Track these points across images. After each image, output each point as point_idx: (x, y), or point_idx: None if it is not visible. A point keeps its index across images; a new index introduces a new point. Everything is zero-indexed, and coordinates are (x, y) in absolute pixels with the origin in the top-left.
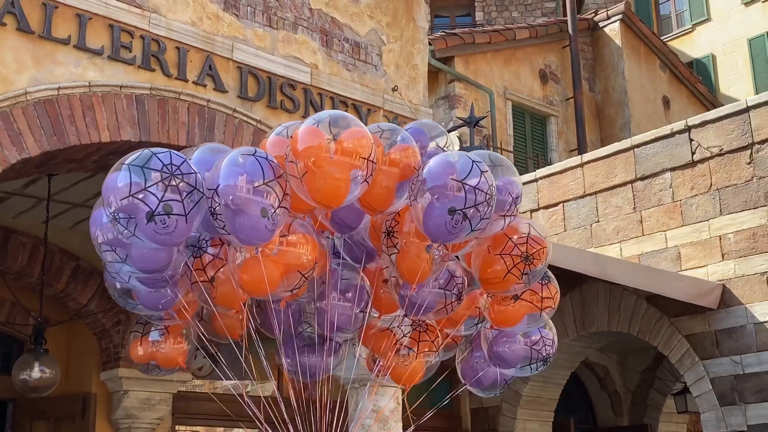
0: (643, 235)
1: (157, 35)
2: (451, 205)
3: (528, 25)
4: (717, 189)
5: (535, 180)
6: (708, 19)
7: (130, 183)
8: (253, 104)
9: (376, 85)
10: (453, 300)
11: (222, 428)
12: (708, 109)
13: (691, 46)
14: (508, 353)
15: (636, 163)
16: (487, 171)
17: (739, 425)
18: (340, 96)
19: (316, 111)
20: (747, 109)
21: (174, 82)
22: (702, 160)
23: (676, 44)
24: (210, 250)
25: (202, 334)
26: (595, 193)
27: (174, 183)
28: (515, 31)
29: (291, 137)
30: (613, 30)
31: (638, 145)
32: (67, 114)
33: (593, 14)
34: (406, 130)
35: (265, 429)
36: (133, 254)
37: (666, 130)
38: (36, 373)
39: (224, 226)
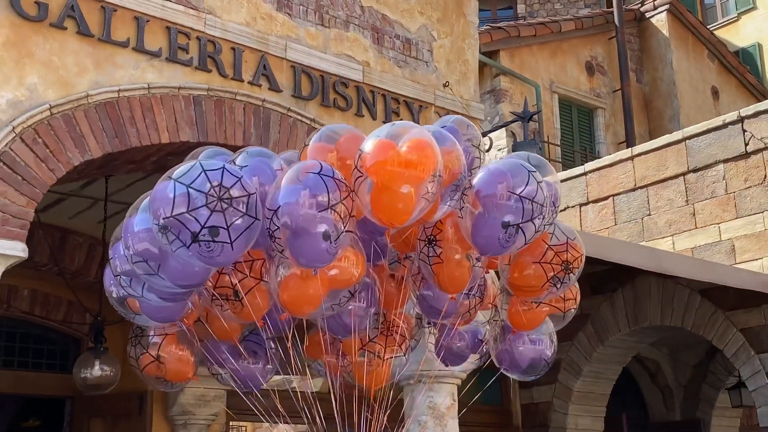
0: (696, 228)
1: (213, 36)
2: (505, 218)
3: (573, 16)
4: None
5: (584, 174)
6: (754, 8)
7: (174, 200)
8: (307, 103)
9: (427, 82)
10: (476, 303)
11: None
12: (758, 100)
13: (736, 35)
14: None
15: (688, 155)
16: (542, 181)
17: None
18: (391, 93)
19: (368, 108)
20: None
21: (230, 83)
22: (756, 152)
23: (722, 34)
24: (239, 266)
25: (194, 339)
26: (646, 186)
27: (221, 208)
28: (560, 24)
29: (360, 150)
30: (660, 20)
31: (690, 137)
32: (128, 116)
33: (639, 4)
34: (442, 128)
35: (322, 425)
36: (169, 268)
37: (718, 121)
38: (96, 371)
39: (283, 250)
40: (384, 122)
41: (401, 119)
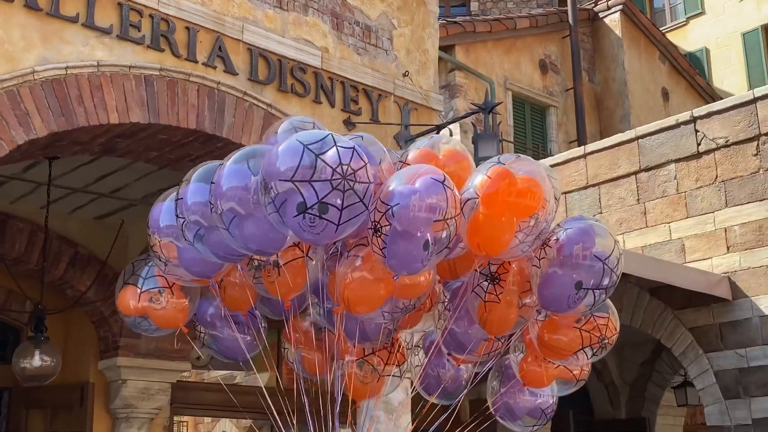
0: (647, 226)
1: (167, 14)
2: (580, 279)
3: (528, 14)
4: (722, 181)
5: None
6: (702, 13)
7: (299, 165)
8: (264, 87)
9: (386, 70)
10: (498, 347)
11: (209, 419)
12: (706, 102)
13: (684, 39)
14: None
15: (640, 154)
16: (618, 242)
17: (744, 419)
18: (350, 80)
19: (326, 95)
20: (754, 100)
21: (184, 63)
22: (707, 152)
23: (670, 37)
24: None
25: (221, 301)
26: (598, 184)
27: (341, 188)
28: (515, 21)
29: (477, 173)
30: (614, 20)
31: (642, 136)
32: (75, 94)
33: (593, 4)
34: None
35: (274, 419)
36: (246, 231)
37: (671, 120)
38: (36, 361)
39: (383, 248)
40: (342, 110)
41: (360, 108)
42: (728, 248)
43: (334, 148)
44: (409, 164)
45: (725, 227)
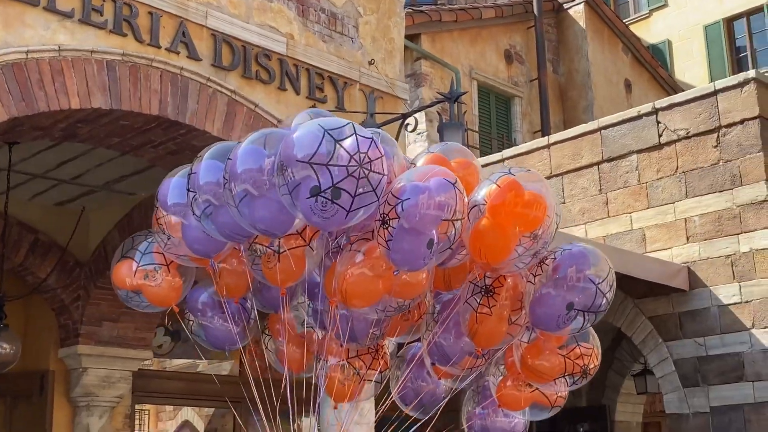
0: (609, 216)
1: None
2: (572, 300)
3: (494, 4)
4: (683, 172)
5: (502, 160)
6: (665, 5)
7: (318, 148)
8: (228, 73)
9: (352, 58)
10: (480, 364)
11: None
12: (668, 94)
13: (647, 31)
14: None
15: (603, 144)
16: (612, 268)
17: (702, 407)
18: (316, 68)
19: (291, 83)
20: (714, 93)
21: (146, 49)
22: (668, 143)
23: (634, 29)
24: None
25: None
26: (561, 174)
27: (356, 175)
28: (481, 10)
29: (488, 181)
30: (578, 12)
31: (605, 127)
32: (36, 78)
33: None
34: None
35: (232, 409)
36: (257, 211)
37: (633, 112)
38: None
39: (389, 240)
40: (308, 98)
41: (325, 95)
42: (688, 238)
43: (354, 136)
44: None
45: (685, 218)
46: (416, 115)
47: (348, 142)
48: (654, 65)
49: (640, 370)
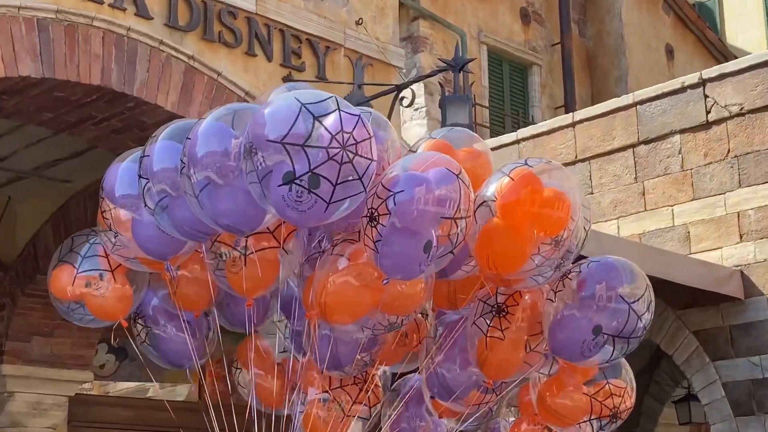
0: (646, 210)
1: None
2: (600, 323)
3: None
4: (736, 156)
5: (517, 141)
6: None
7: (293, 124)
8: (184, 35)
9: (336, 17)
10: (490, 399)
11: None
12: (719, 62)
13: None
14: None
15: (639, 123)
16: (650, 287)
17: None
18: (291, 29)
19: (262, 46)
20: None
21: (86, 5)
22: (718, 121)
23: None
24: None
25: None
26: (589, 158)
27: (339, 159)
28: None
29: (500, 175)
30: None
31: (642, 102)
32: None
33: None
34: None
35: None
36: (220, 203)
37: (676, 83)
38: None
39: (378, 241)
40: (281, 65)
41: (303, 62)
42: (741, 237)
43: (337, 112)
44: None
45: (738, 211)
46: (413, 86)
47: (329, 120)
48: (701, 27)
49: (683, 396)
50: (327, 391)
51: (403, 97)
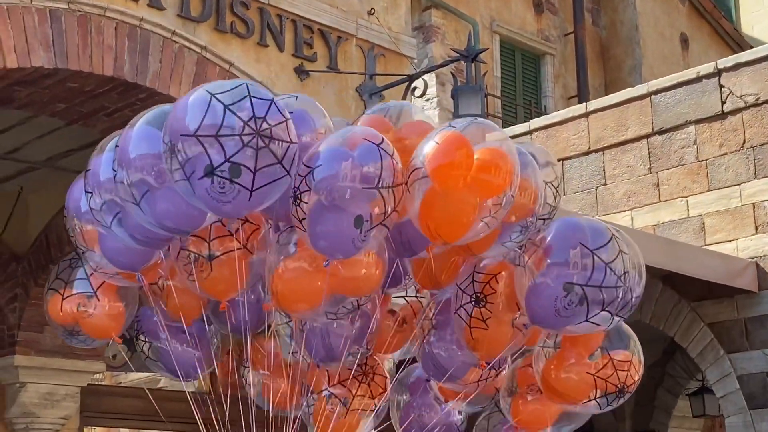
0: (660, 201)
1: None
2: (569, 278)
3: None
4: (752, 147)
5: (529, 132)
6: None
7: (204, 116)
8: (197, 26)
9: (348, 7)
10: (491, 375)
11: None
12: (734, 51)
13: None
14: None
15: (653, 113)
16: (627, 253)
17: None
18: (303, 19)
19: (274, 37)
20: None
21: None
22: (734, 111)
23: None
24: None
25: (154, 301)
26: (602, 149)
27: (255, 145)
28: None
29: (427, 139)
30: None
31: (656, 92)
32: None
33: None
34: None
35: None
36: (158, 204)
37: (691, 73)
38: None
39: (303, 219)
40: (294, 55)
41: (315, 53)
42: (757, 228)
43: (248, 98)
44: None
45: (753, 203)
46: (425, 76)
47: (240, 107)
48: (716, 16)
49: (697, 389)
50: (331, 388)
51: (415, 88)
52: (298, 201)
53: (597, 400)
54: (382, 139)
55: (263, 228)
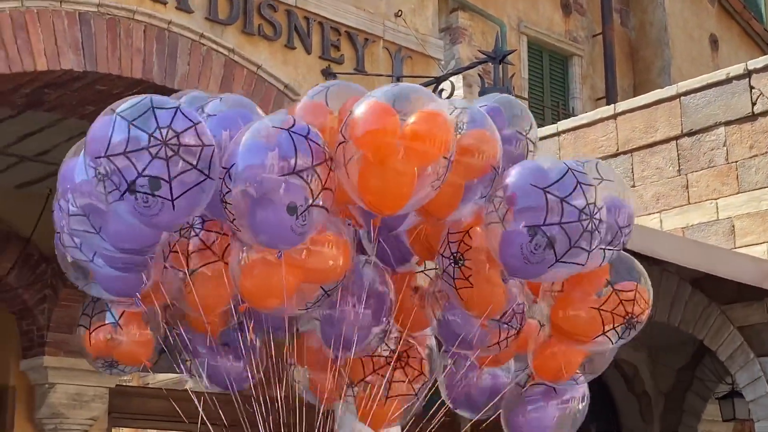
0: (689, 203)
1: None
2: (531, 222)
3: None
4: None
5: (557, 134)
6: None
7: (111, 137)
8: (225, 29)
9: (375, 9)
10: (511, 334)
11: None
12: (765, 52)
13: None
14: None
15: (682, 114)
16: (590, 185)
17: None
18: (331, 21)
19: (301, 39)
20: None
21: None
22: (764, 113)
23: None
24: (202, 234)
25: (159, 321)
26: (631, 151)
27: (165, 154)
28: None
29: (349, 112)
30: None
31: (686, 93)
32: None
33: None
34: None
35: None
36: (110, 227)
37: (720, 74)
38: None
39: (235, 219)
40: (321, 57)
41: (342, 55)
42: None
43: (151, 111)
44: None
45: None
46: (452, 78)
47: (144, 121)
48: (746, 17)
49: (727, 392)
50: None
51: (442, 89)
52: (225, 203)
53: (607, 334)
54: (294, 122)
55: (233, 239)
